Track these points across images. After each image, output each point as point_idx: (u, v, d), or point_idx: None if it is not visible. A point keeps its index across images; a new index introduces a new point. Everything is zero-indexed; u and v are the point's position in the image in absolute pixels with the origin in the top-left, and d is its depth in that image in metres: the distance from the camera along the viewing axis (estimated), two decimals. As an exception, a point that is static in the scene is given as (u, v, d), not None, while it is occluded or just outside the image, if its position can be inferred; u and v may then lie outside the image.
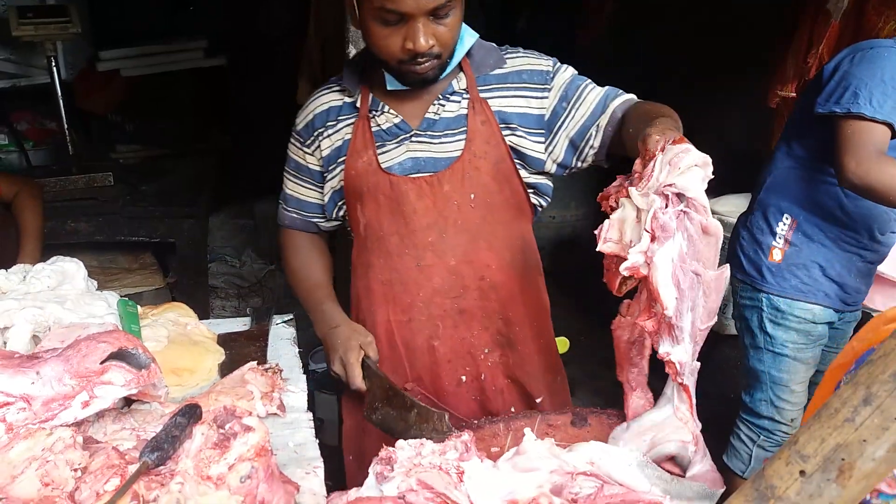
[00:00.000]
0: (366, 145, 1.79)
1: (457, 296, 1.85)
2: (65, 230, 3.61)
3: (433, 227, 1.79)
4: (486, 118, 1.78)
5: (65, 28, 3.80)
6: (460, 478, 1.31)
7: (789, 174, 2.45)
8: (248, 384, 1.49)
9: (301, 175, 1.95)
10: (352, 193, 1.84)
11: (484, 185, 1.79)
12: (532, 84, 1.80)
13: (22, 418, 1.16)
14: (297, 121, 1.93)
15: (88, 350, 1.24)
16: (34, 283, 1.62)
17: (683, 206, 1.24)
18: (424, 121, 1.78)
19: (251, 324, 1.97)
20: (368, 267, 1.89)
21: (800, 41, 3.37)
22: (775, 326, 2.47)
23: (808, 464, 0.74)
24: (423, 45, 1.58)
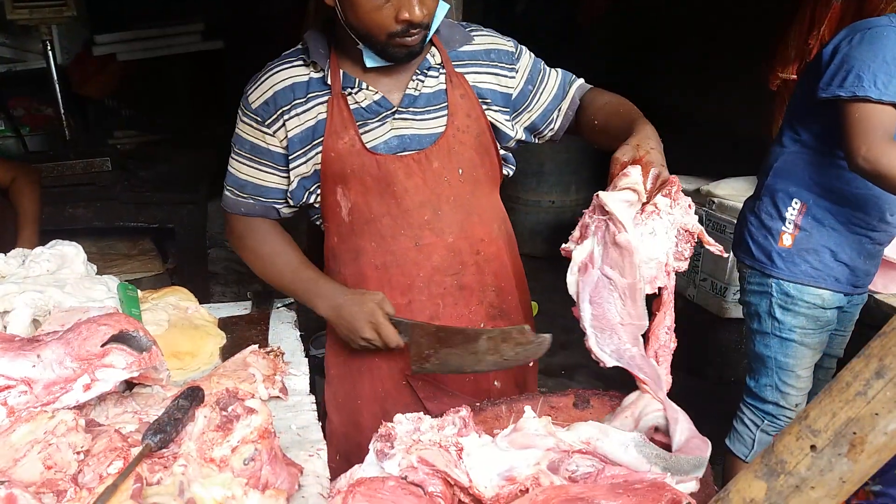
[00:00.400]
0: (345, 125, 1.70)
1: (455, 272, 1.82)
2: (63, 216, 3.60)
3: (427, 204, 1.76)
4: (465, 92, 1.76)
5: (60, 11, 3.78)
6: (459, 454, 1.32)
7: (797, 158, 2.41)
8: (250, 367, 1.49)
9: (260, 158, 1.78)
10: (332, 176, 1.74)
11: (469, 160, 1.78)
12: (501, 63, 1.81)
13: (23, 401, 1.16)
14: (250, 97, 1.76)
15: (89, 333, 1.23)
16: (33, 267, 1.61)
17: (605, 218, 1.49)
18: (406, 97, 1.73)
19: (252, 308, 1.96)
20: (358, 253, 1.81)
21: (801, 23, 3.35)
22: (784, 312, 2.45)
23: (818, 438, 0.74)
24: (419, 15, 1.54)
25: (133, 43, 4.69)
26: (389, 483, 1.28)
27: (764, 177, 2.51)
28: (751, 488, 0.78)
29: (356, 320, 1.72)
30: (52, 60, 3.93)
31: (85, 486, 1.02)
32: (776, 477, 0.76)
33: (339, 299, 1.75)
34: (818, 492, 0.74)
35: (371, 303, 1.71)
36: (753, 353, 2.58)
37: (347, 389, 1.92)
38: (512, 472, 1.33)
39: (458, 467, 1.28)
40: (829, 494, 0.74)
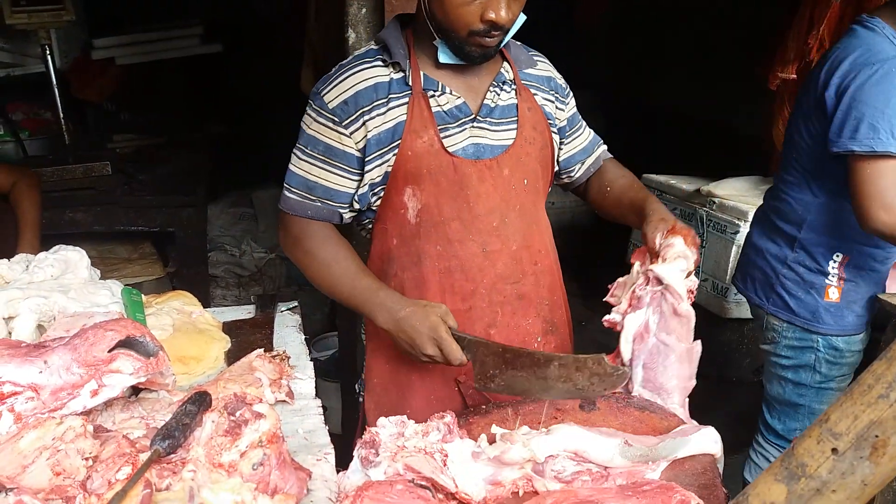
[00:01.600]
0: (426, 125, 1.69)
1: (516, 281, 1.83)
2: (63, 220, 3.59)
3: (496, 211, 1.76)
4: (532, 106, 1.82)
5: (58, 15, 3.77)
6: (444, 461, 1.32)
7: (830, 210, 2.24)
8: (257, 371, 1.48)
9: (334, 160, 1.72)
10: (405, 175, 1.70)
11: (533, 171, 1.82)
12: (557, 94, 1.90)
13: (30, 408, 1.15)
14: (326, 97, 1.70)
15: (96, 338, 1.23)
16: (37, 273, 1.61)
17: (661, 289, 1.63)
18: (484, 107, 1.76)
19: (256, 311, 1.96)
20: (421, 256, 1.76)
21: (800, 22, 3.34)
22: (831, 366, 2.34)
23: (840, 441, 0.73)
24: (505, 17, 1.56)
25: (132, 47, 4.68)
26: (398, 487, 1.28)
27: (793, 228, 2.33)
28: (771, 492, 0.78)
29: (418, 335, 1.62)
30: (50, 64, 3.91)
31: (94, 493, 1.02)
32: (797, 480, 0.76)
33: (401, 312, 1.65)
34: (839, 495, 0.74)
35: (434, 316, 1.61)
36: (782, 398, 2.47)
37: (394, 399, 1.87)
38: (497, 478, 1.34)
39: (444, 473, 1.29)
40: (851, 498, 0.74)
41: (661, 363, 1.66)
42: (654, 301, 1.65)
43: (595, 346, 1.90)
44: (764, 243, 2.46)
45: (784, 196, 2.38)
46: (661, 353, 1.66)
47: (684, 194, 3.88)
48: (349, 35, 2.57)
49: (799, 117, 2.30)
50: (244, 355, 1.57)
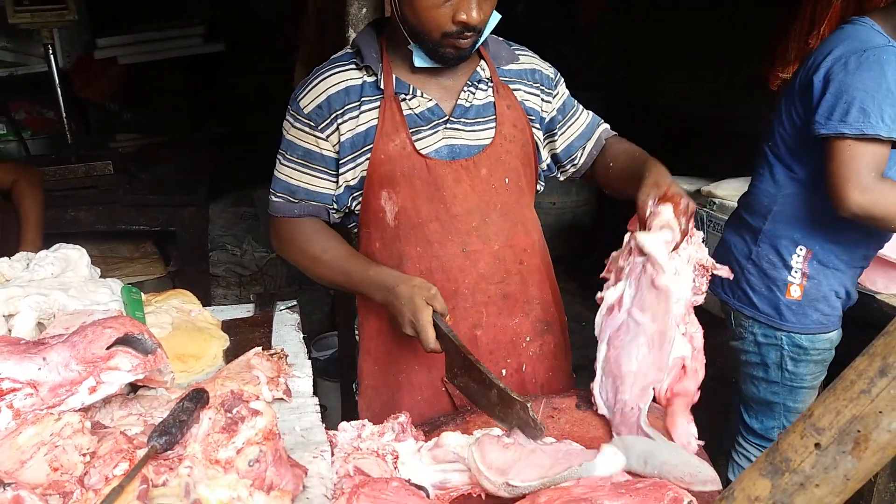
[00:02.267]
0: (397, 128, 1.71)
1: (500, 280, 1.83)
2: (65, 219, 3.60)
3: (475, 211, 1.77)
4: (511, 103, 1.80)
5: (61, 15, 3.79)
6: (395, 463, 1.34)
7: (797, 201, 2.25)
8: (254, 369, 1.49)
9: (312, 163, 1.77)
10: (380, 179, 1.73)
11: (514, 169, 1.81)
12: (541, 85, 1.87)
13: (29, 404, 1.16)
14: (301, 102, 1.75)
15: (94, 335, 1.24)
16: (38, 271, 1.62)
17: (643, 260, 1.52)
18: (457, 107, 1.76)
19: (255, 310, 1.96)
20: (402, 258, 1.78)
21: (801, 22, 3.34)
22: (796, 363, 2.34)
23: (823, 436, 0.74)
24: (476, 18, 1.57)
25: (134, 46, 4.70)
26: (393, 484, 1.29)
27: (759, 220, 2.35)
28: (755, 486, 0.79)
29: (401, 314, 1.65)
30: (53, 64, 3.93)
31: (91, 488, 1.03)
32: (781, 475, 0.77)
33: (393, 288, 1.66)
34: (823, 489, 0.75)
35: (419, 299, 1.62)
36: (757, 397, 2.48)
37: (384, 400, 1.90)
38: (446, 483, 1.37)
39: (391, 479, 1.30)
40: (834, 492, 0.75)
41: (627, 343, 1.55)
42: (634, 273, 1.55)
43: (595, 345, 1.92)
44: (731, 238, 2.48)
45: (752, 188, 2.42)
46: (630, 331, 1.55)
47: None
48: (350, 35, 2.59)
49: (784, 103, 2.30)
50: (243, 353, 1.58)
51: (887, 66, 1.99)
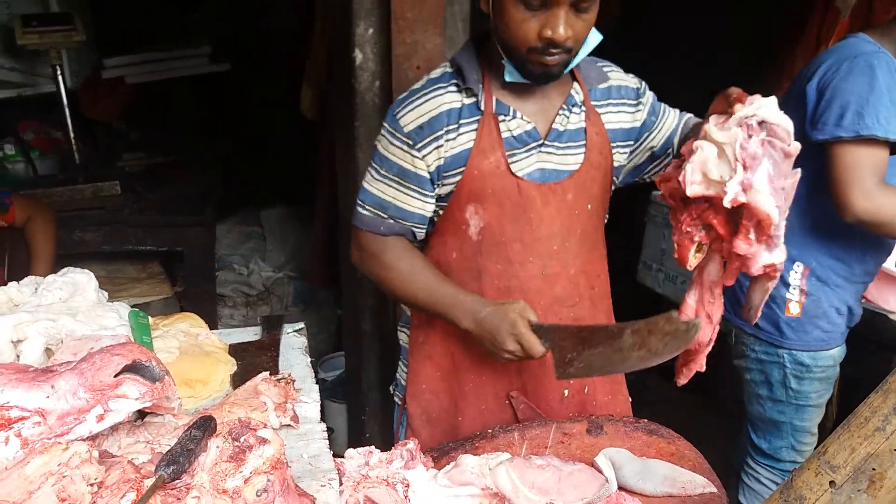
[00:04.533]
0: (493, 147, 1.72)
1: (573, 304, 1.85)
2: (72, 240, 3.62)
3: (557, 235, 1.78)
4: (599, 130, 1.81)
5: (69, 36, 3.83)
6: (406, 492, 1.33)
7: (792, 217, 2.09)
8: (262, 395, 1.48)
9: (407, 182, 1.77)
10: (469, 193, 1.75)
11: (596, 196, 1.83)
12: (628, 100, 1.87)
13: (37, 433, 1.16)
14: (402, 120, 1.75)
15: (102, 363, 1.24)
16: (46, 296, 1.62)
17: (765, 135, 1.35)
18: (552, 131, 1.77)
19: (262, 333, 1.96)
20: (481, 272, 1.81)
21: (808, 37, 3.35)
22: (800, 381, 2.33)
23: (837, 474, 0.73)
24: (562, 36, 1.54)
25: (141, 66, 4.72)
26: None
27: None
28: (770, 524, 0.78)
29: (499, 332, 1.66)
30: (61, 84, 3.96)
31: (99, 520, 1.02)
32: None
33: (482, 312, 1.70)
34: (838, 528, 0.74)
35: (513, 313, 1.65)
36: (763, 417, 2.46)
37: (446, 405, 1.94)
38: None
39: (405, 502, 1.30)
40: (850, 531, 0.74)
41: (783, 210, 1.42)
42: (766, 151, 1.37)
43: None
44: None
45: None
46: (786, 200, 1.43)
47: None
48: (356, 55, 2.59)
49: None
50: (250, 377, 1.58)
51: (878, 69, 2.02)
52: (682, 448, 1.56)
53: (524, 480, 1.36)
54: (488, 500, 1.37)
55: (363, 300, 2.99)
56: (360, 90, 2.63)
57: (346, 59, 2.66)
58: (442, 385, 1.94)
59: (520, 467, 1.39)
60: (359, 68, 2.61)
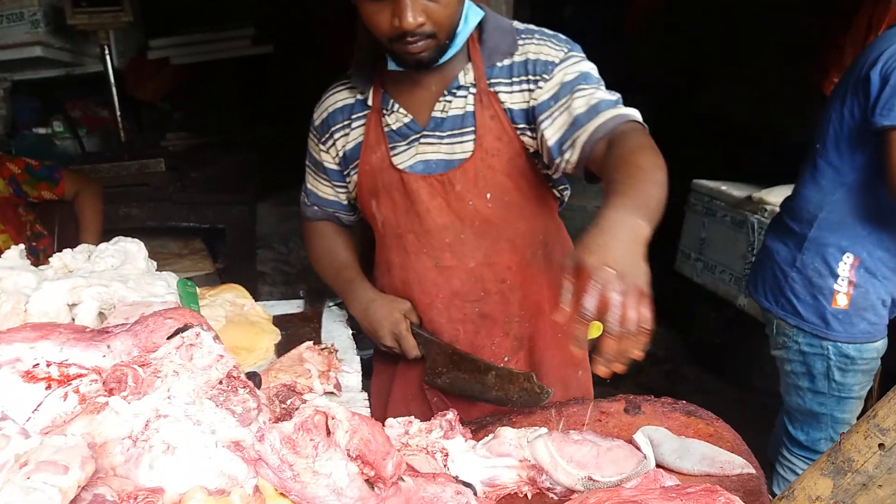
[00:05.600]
0: (378, 141, 1.75)
1: (477, 299, 1.79)
2: (118, 215, 3.69)
3: (449, 227, 1.73)
4: (495, 113, 1.66)
5: (117, 16, 3.89)
6: (445, 460, 1.35)
7: (845, 207, 2.22)
8: (306, 363, 1.52)
9: (318, 171, 1.92)
10: (367, 190, 1.80)
11: (499, 184, 1.70)
12: (534, 75, 1.64)
13: (94, 390, 1.20)
14: (314, 116, 1.88)
15: (156, 325, 1.27)
16: (98, 263, 1.67)
17: None
18: (432, 120, 1.69)
19: (304, 306, 2.00)
20: (389, 266, 1.87)
21: (858, 26, 3.29)
22: (844, 373, 2.30)
23: (887, 437, 0.74)
24: (411, 23, 1.46)
25: (186, 47, 4.79)
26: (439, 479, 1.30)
27: (805, 227, 2.30)
28: (817, 486, 0.79)
29: (381, 327, 1.83)
30: (108, 64, 4.04)
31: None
32: (843, 475, 0.76)
33: (368, 305, 1.85)
34: (885, 490, 0.74)
35: (397, 312, 1.81)
36: (802, 408, 2.43)
37: (385, 389, 2.00)
38: (495, 481, 1.37)
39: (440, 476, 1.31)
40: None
41: None
42: None
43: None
44: (775, 245, 2.44)
45: (797, 194, 2.38)
46: None
47: (735, 201, 3.84)
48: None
49: (836, 103, 2.26)
50: (293, 348, 1.61)
51: None
52: (721, 430, 1.56)
53: (563, 454, 1.37)
54: (525, 471, 1.38)
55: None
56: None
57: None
58: (384, 367, 2.03)
59: (558, 441, 1.40)
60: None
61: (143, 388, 1.13)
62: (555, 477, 1.36)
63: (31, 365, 1.16)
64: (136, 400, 1.08)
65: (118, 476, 1.05)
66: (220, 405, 1.08)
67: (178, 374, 1.11)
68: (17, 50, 4.17)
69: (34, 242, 2.79)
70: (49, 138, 4.43)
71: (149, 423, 1.06)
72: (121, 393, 1.11)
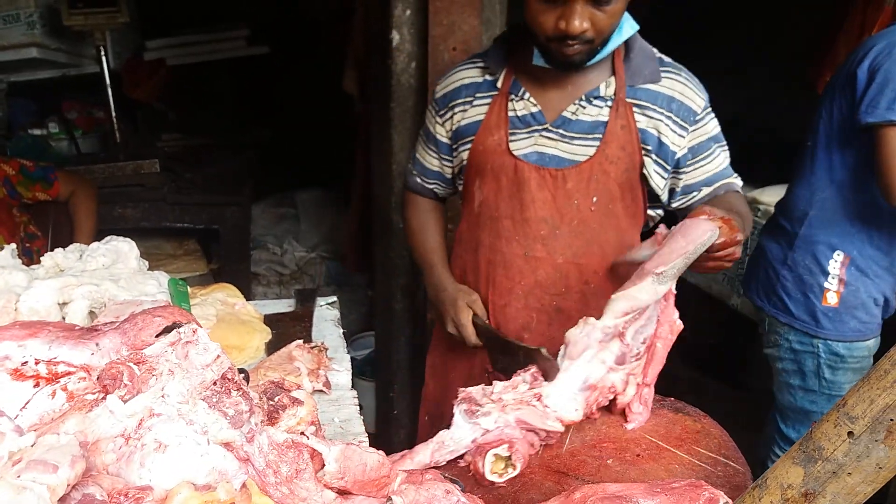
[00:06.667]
0: (499, 124, 1.79)
1: (557, 293, 1.85)
2: (112, 216, 3.71)
3: (547, 221, 1.79)
4: (627, 123, 1.74)
5: (113, 17, 3.89)
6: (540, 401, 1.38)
7: (835, 204, 2.23)
8: (296, 361, 1.53)
9: (429, 143, 2.00)
10: (474, 168, 1.86)
11: (609, 191, 1.78)
12: (678, 118, 1.76)
13: (82, 387, 1.20)
14: (437, 89, 1.96)
15: (144, 323, 1.28)
16: (90, 262, 1.67)
17: None
18: (560, 117, 1.76)
19: (296, 305, 2.00)
20: (478, 244, 1.92)
21: (851, 25, 3.30)
22: (834, 371, 2.31)
23: (855, 425, 0.75)
24: (576, 28, 1.55)
25: (182, 48, 4.79)
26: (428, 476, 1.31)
27: (795, 225, 2.33)
28: (788, 474, 0.80)
29: (447, 313, 1.92)
30: (104, 65, 4.04)
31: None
32: (813, 463, 0.77)
33: (441, 292, 1.96)
34: (855, 478, 0.76)
35: (461, 301, 1.89)
36: (794, 406, 2.44)
37: (447, 361, 2.08)
38: (588, 382, 1.42)
39: (548, 419, 1.36)
40: (866, 480, 0.76)
41: None
42: None
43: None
44: (767, 243, 2.46)
45: (789, 192, 2.41)
46: None
47: (727, 201, 3.84)
48: (393, 36, 2.62)
49: (825, 101, 2.28)
50: (284, 346, 1.62)
51: None
52: (708, 426, 1.57)
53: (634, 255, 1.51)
54: (608, 344, 1.43)
55: (395, 280, 3.02)
56: (397, 71, 2.66)
57: (384, 41, 2.69)
58: (447, 342, 2.07)
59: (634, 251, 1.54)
60: (395, 49, 2.64)
61: (137, 385, 1.13)
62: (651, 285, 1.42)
63: (20, 363, 1.17)
64: (131, 398, 1.09)
65: (110, 474, 1.06)
66: (212, 406, 1.09)
67: (173, 373, 1.11)
68: (14, 51, 4.17)
69: (28, 243, 2.79)
70: (45, 140, 4.43)
71: (142, 421, 1.06)
72: (115, 390, 1.12)
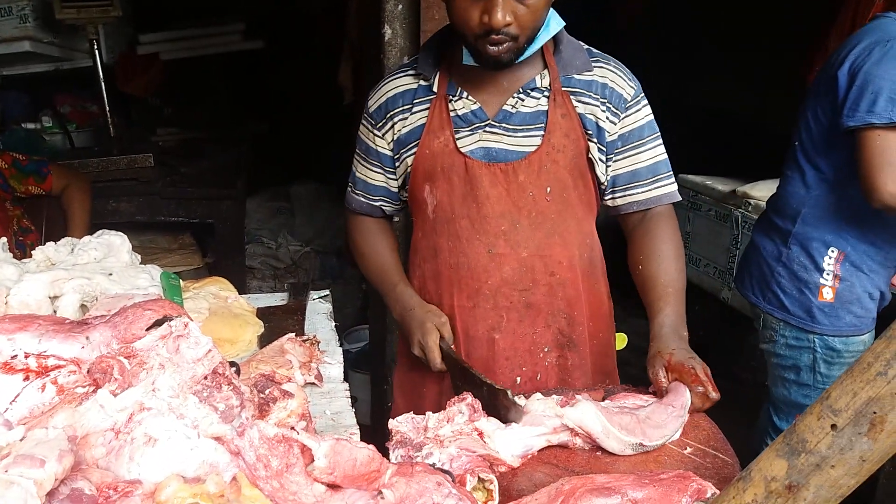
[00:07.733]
0: (443, 126, 1.78)
1: (525, 289, 1.84)
2: (107, 210, 3.70)
3: (506, 215, 1.78)
4: (567, 112, 1.75)
5: (107, 11, 3.89)
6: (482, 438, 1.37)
7: (827, 202, 2.24)
8: (287, 354, 1.53)
9: (369, 158, 1.92)
10: (423, 173, 1.82)
11: (560, 180, 1.78)
12: (611, 104, 1.78)
13: (72, 381, 1.20)
14: (369, 103, 1.90)
15: (135, 317, 1.28)
16: (82, 255, 1.67)
17: None
18: (501, 112, 1.76)
19: (289, 298, 2.01)
20: (436, 251, 1.87)
21: (843, 19, 3.29)
22: (830, 366, 2.31)
23: (839, 417, 0.75)
24: (499, 21, 1.54)
25: (176, 42, 4.78)
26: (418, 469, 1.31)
27: (788, 223, 2.33)
28: (772, 467, 0.80)
29: (412, 335, 1.85)
30: (98, 59, 4.03)
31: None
32: (797, 455, 0.78)
33: (407, 312, 1.88)
34: (838, 470, 0.76)
35: (429, 323, 1.81)
36: (788, 400, 2.45)
37: (415, 378, 2.01)
38: (529, 451, 1.41)
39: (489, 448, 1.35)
40: (850, 473, 0.76)
41: None
42: None
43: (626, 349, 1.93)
44: (761, 240, 2.46)
45: (781, 190, 2.40)
46: None
47: (719, 195, 3.85)
48: (385, 31, 2.62)
49: (809, 102, 2.28)
50: (276, 339, 1.62)
51: None
52: (697, 418, 1.58)
53: (613, 423, 1.40)
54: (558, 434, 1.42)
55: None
56: (389, 66, 2.65)
57: (376, 35, 2.69)
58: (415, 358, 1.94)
59: (604, 412, 1.44)
60: (388, 44, 2.63)
61: (128, 379, 1.13)
62: (605, 444, 1.39)
63: (10, 356, 1.17)
64: (122, 392, 1.09)
65: (100, 468, 1.06)
66: (203, 401, 1.09)
67: (163, 367, 1.11)
68: (6, 45, 4.16)
69: (21, 237, 2.79)
70: (38, 133, 4.42)
71: (132, 415, 1.06)
72: (106, 384, 1.12)
